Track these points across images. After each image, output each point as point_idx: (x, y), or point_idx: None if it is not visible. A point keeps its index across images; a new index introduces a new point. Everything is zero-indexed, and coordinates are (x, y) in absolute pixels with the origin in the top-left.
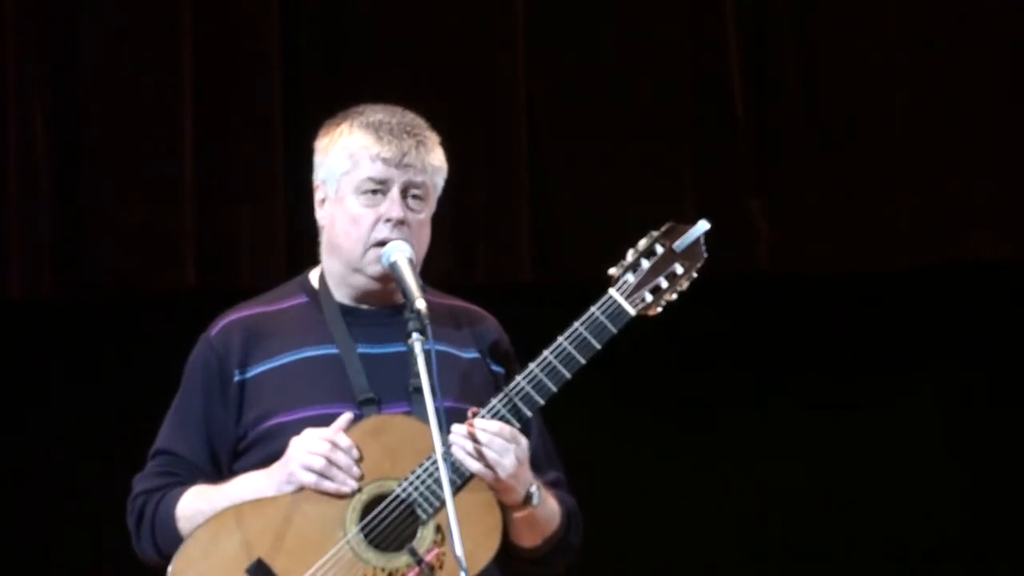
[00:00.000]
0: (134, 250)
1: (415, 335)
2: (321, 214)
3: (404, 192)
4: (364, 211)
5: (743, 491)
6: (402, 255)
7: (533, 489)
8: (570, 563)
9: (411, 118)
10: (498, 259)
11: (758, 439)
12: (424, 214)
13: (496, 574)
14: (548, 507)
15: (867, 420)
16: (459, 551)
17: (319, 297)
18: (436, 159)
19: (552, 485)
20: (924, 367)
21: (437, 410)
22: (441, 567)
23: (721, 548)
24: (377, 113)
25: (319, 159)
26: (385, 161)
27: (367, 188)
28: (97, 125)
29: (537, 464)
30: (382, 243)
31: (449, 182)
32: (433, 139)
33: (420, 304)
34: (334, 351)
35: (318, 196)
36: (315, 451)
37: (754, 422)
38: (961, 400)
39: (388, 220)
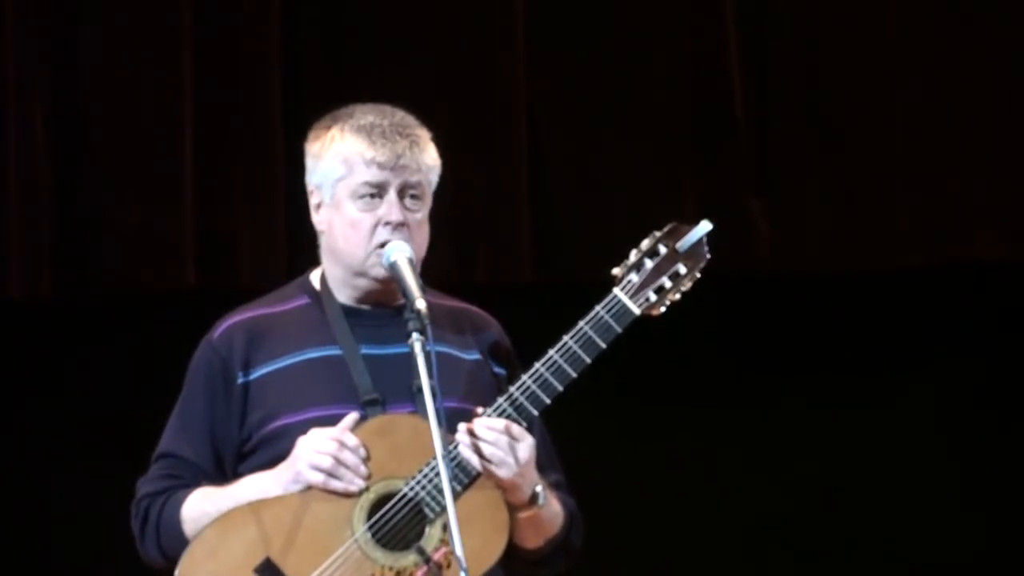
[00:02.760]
0: (134, 250)
1: (415, 335)
2: (318, 219)
3: (401, 193)
4: (362, 216)
5: (743, 490)
6: (402, 255)
7: (539, 489)
8: (570, 564)
9: (401, 117)
10: (498, 259)
11: (758, 439)
12: (422, 213)
13: (499, 574)
14: (552, 508)
15: (867, 420)
16: (459, 551)
17: (321, 298)
18: (430, 157)
19: (553, 487)
20: (924, 367)
21: (437, 410)
22: (448, 566)
23: (720, 547)
24: (368, 115)
25: (311, 164)
26: (380, 165)
27: (364, 193)
28: (97, 125)
29: (538, 466)
30: (383, 245)
31: (449, 182)
32: (425, 137)
33: (420, 304)
34: (337, 352)
35: (313, 201)
36: (323, 450)
37: (754, 422)
38: (961, 400)
39: (388, 223)
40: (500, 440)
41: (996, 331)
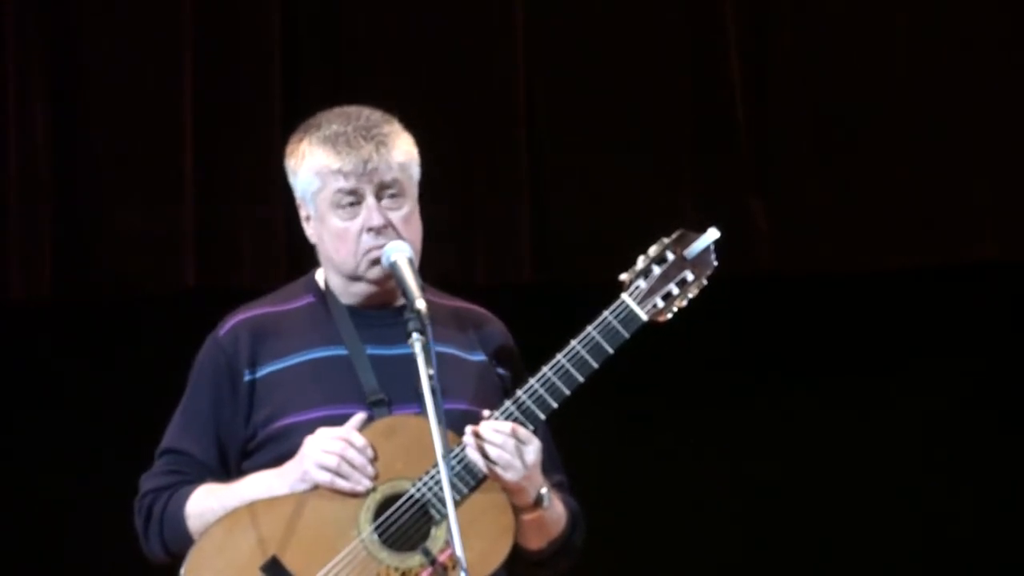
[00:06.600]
0: (134, 250)
1: (415, 335)
2: (309, 232)
3: (379, 195)
4: (346, 225)
5: (743, 490)
6: (402, 255)
7: (544, 491)
8: (572, 565)
9: (366, 119)
10: (498, 259)
11: (758, 439)
12: (405, 208)
13: (502, 574)
14: (555, 510)
15: (867, 420)
16: (459, 551)
17: (326, 298)
18: (401, 154)
19: (556, 488)
20: (924, 367)
21: (438, 408)
22: (454, 567)
23: (720, 547)
24: (332, 123)
25: (292, 179)
26: (348, 174)
27: (341, 202)
28: (97, 125)
29: (541, 467)
30: (372, 250)
31: (449, 183)
32: (394, 133)
33: (420, 304)
34: (343, 352)
35: (302, 214)
36: (330, 450)
37: (754, 422)
38: (961, 400)
39: (371, 229)
40: (507, 443)
41: (996, 331)
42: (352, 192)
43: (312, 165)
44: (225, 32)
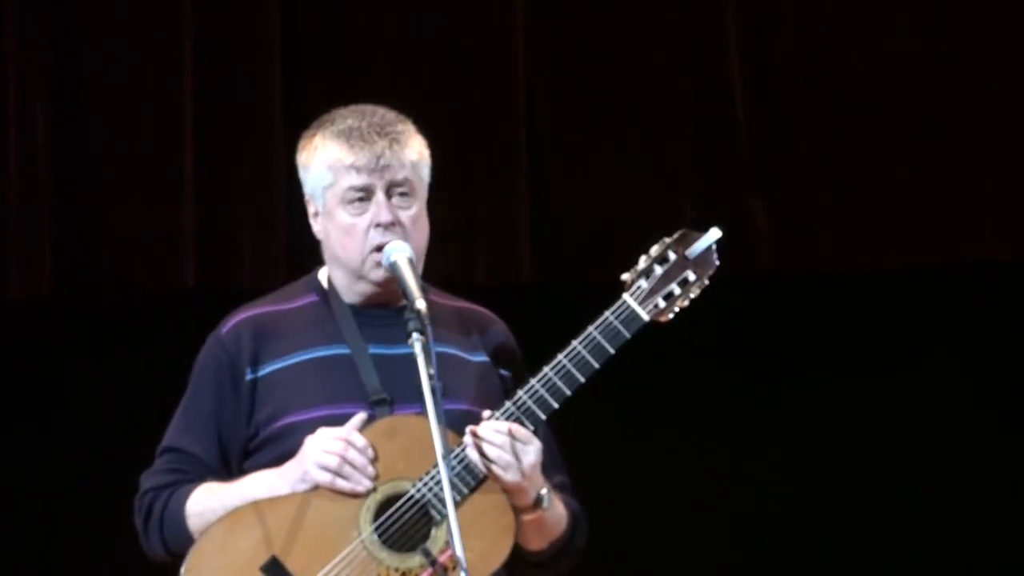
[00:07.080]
0: (134, 250)
1: (415, 335)
2: (316, 228)
3: (388, 193)
4: (354, 220)
5: (743, 490)
6: (402, 255)
7: (544, 492)
8: (573, 566)
9: (381, 116)
10: (498, 259)
11: (758, 439)
12: (415, 208)
13: (503, 575)
14: (556, 510)
15: (867, 420)
16: (459, 552)
17: (329, 297)
18: (414, 153)
19: (558, 488)
20: (924, 367)
21: (438, 409)
22: (454, 568)
23: (721, 548)
24: (347, 119)
25: (302, 174)
26: (360, 169)
27: (351, 198)
28: (97, 125)
29: (542, 467)
30: (379, 247)
31: (449, 183)
32: (408, 133)
33: (420, 304)
34: (345, 351)
35: (310, 210)
36: (330, 450)
37: (754, 422)
38: (961, 400)
39: (379, 225)
40: (506, 443)
41: (996, 331)
42: (363, 188)
43: (324, 159)
44: (225, 32)
